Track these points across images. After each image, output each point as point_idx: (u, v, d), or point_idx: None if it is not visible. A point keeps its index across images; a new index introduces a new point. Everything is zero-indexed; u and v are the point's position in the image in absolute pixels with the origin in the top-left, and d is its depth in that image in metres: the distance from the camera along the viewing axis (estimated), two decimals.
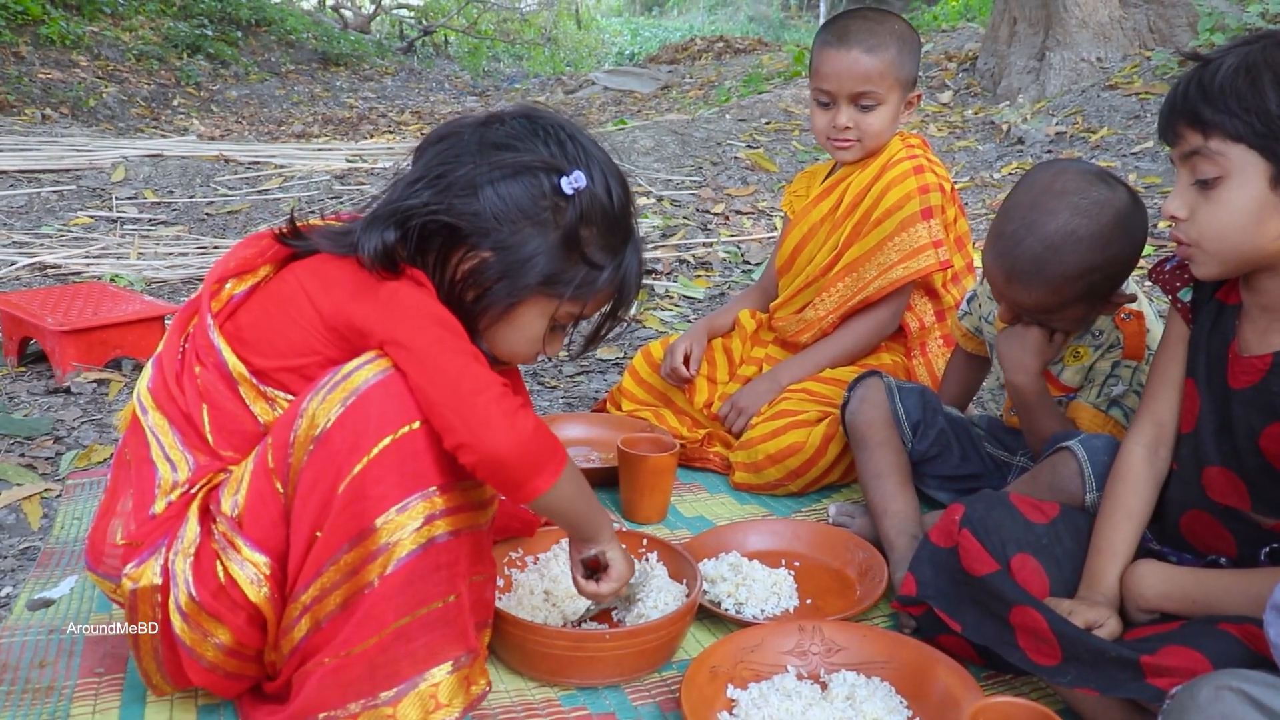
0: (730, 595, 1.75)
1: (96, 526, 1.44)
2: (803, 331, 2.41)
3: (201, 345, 1.41)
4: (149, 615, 1.37)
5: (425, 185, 1.38)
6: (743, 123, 6.98)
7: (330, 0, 20.02)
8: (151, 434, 1.40)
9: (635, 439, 2.10)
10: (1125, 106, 6.01)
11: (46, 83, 9.23)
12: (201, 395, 1.40)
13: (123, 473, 1.44)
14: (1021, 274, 1.71)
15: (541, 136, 1.42)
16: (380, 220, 1.37)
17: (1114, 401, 1.86)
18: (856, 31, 2.26)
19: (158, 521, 1.37)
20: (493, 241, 1.38)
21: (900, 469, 1.97)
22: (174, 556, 1.35)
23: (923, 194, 2.28)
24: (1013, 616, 1.43)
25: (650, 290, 3.90)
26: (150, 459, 1.39)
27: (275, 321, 1.41)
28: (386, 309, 1.34)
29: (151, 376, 1.44)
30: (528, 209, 1.39)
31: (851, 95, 2.27)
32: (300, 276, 1.41)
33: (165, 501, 1.37)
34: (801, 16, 33.62)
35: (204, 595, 1.34)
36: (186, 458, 1.39)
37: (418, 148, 1.47)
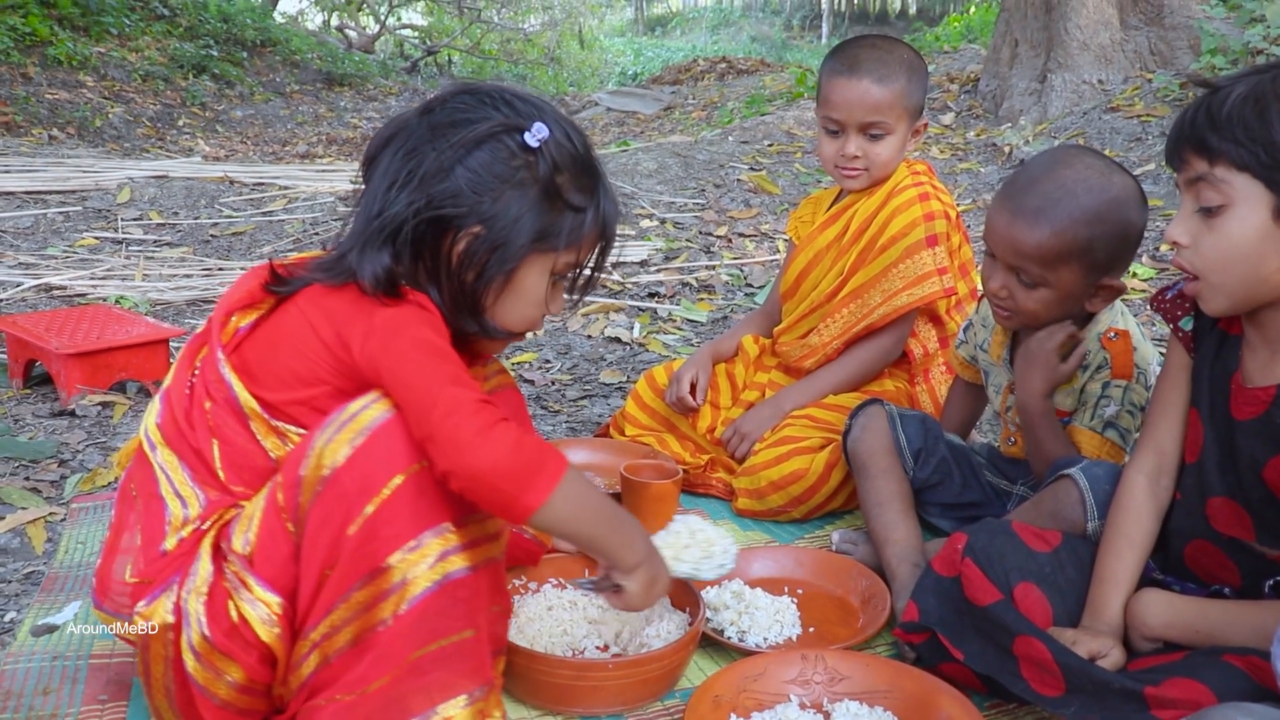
0: (733, 623, 1.75)
1: (103, 563, 1.43)
2: (806, 357, 2.42)
3: (211, 380, 1.41)
4: (161, 654, 1.36)
5: (398, 188, 1.38)
6: (745, 144, 7.00)
7: (335, 21, 20.13)
8: (160, 470, 1.39)
9: (638, 465, 2.11)
10: (1127, 129, 6.03)
11: (53, 103, 9.28)
12: (212, 431, 1.39)
13: (128, 508, 1.43)
14: (1030, 211, 1.73)
15: (489, 103, 1.43)
16: (373, 240, 1.37)
17: (1108, 423, 1.86)
18: (867, 61, 2.26)
19: (169, 559, 1.36)
20: (477, 215, 1.39)
21: (902, 497, 1.97)
22: (186, 595, 1.33)
23: (928, 221, 2.29)
24: (1016, 647, 1.43)
25: (653, 314, 3.91)
26: (160, 495, 1.38)
27: (281, 354, 1.40)
28: (374, 339, 1.34)
29: (160, 412, 1.43)
30: (502, 173, 1.40)
31: (861, 125, 2.28)
32: (303, 307, 1.41)
33: (176, 538, 1.36)
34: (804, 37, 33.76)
35: (217, 634, 1.32)
36: (197, 494, 1.38)
37: (366, 159, 1.46)
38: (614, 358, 3.41)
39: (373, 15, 19.92)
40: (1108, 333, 1.84)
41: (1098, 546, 1.59)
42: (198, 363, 1.45)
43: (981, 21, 13.76)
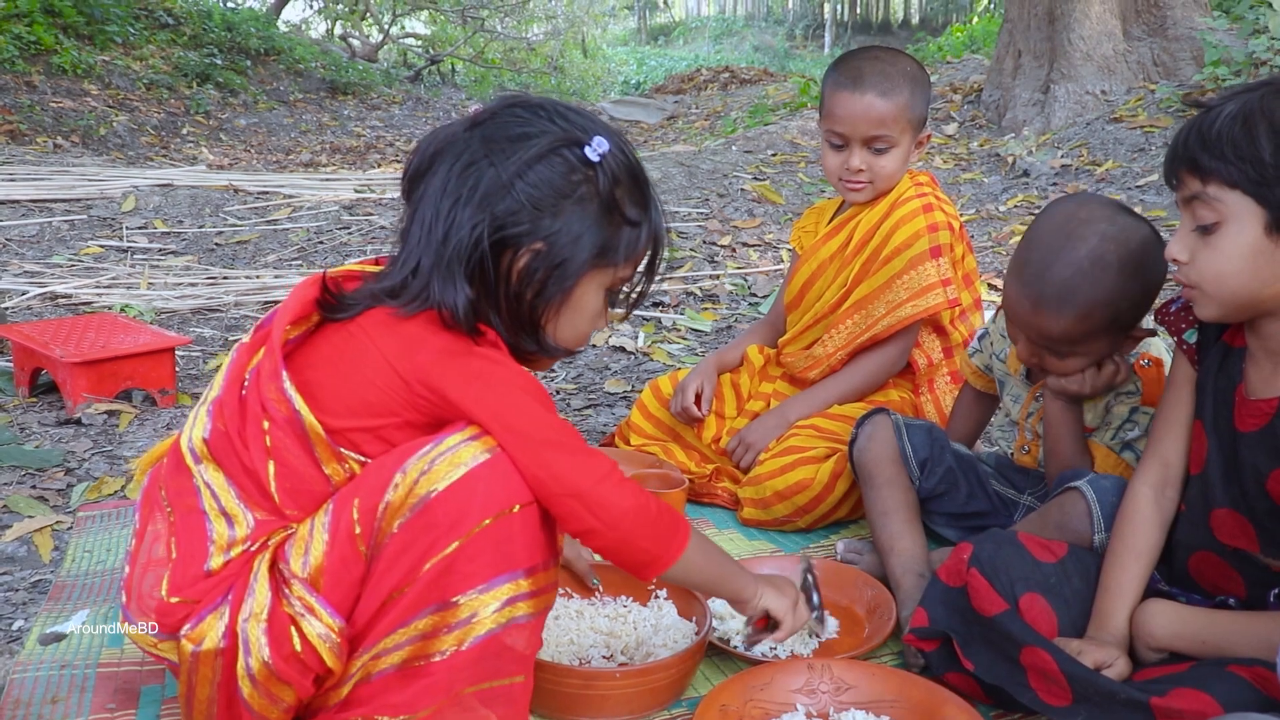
0: (739, 633, 1.75)
1: (132, 574, 1.39)
2: (811, 368, 2.43)
3: (271, 398, 1.34)
4: (209, 676, 1.33)
5: (460, 206, 1.33)
6: (749, 154, 7.01)
7: (338, 30, 20.19)
8: (206, 487, 1.35)
9: (644, 474, 2.12)
10: (1130, 139, 6.04)
11: (58, 111, 9.30)
12: (270, 452, 1.34)
13: (157, 518, 1.40)
14: (1051, 300, 1.70)
15: (544, 116, 1.39)
16: (452, 269, 1.32)
17: (1127, 445, 1.87)
18: (870, 74, 2.27)
19: (214, 580, 1.33)
20: (538, 232, 1.35)
21: (908, 506, 1.97)
22: (245, 621, 1.30)
23: (931, 232, 2.29)
24: (1023, 657, 1.44)
25: (658, 323, 3.92)
26: (202, 510, 1.35)
27: (350, 381, 1.36)
28: (479, 384, 1.32)
29: (209, 427, 1.38)
30: (562, 188, 1.36)
31: (866, 139, 2.28)
32: (373, 335, 1.35)
33: (223, 558, 1.33)
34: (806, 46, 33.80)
35: (278, 661, 1.30)
36: (245, 514, 1.34)
37: (412, 174, 1.40)
38: (619, 367, 3.42)
39: (376, 24, 19.97)
40: (1141, 359, 1.83)
41: (1103, 558, 1.60)
42: (247, 375, 1.39)
43: (984, 32, 13.78)
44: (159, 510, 1.40)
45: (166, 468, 1.41)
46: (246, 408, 1.36)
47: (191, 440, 1.38)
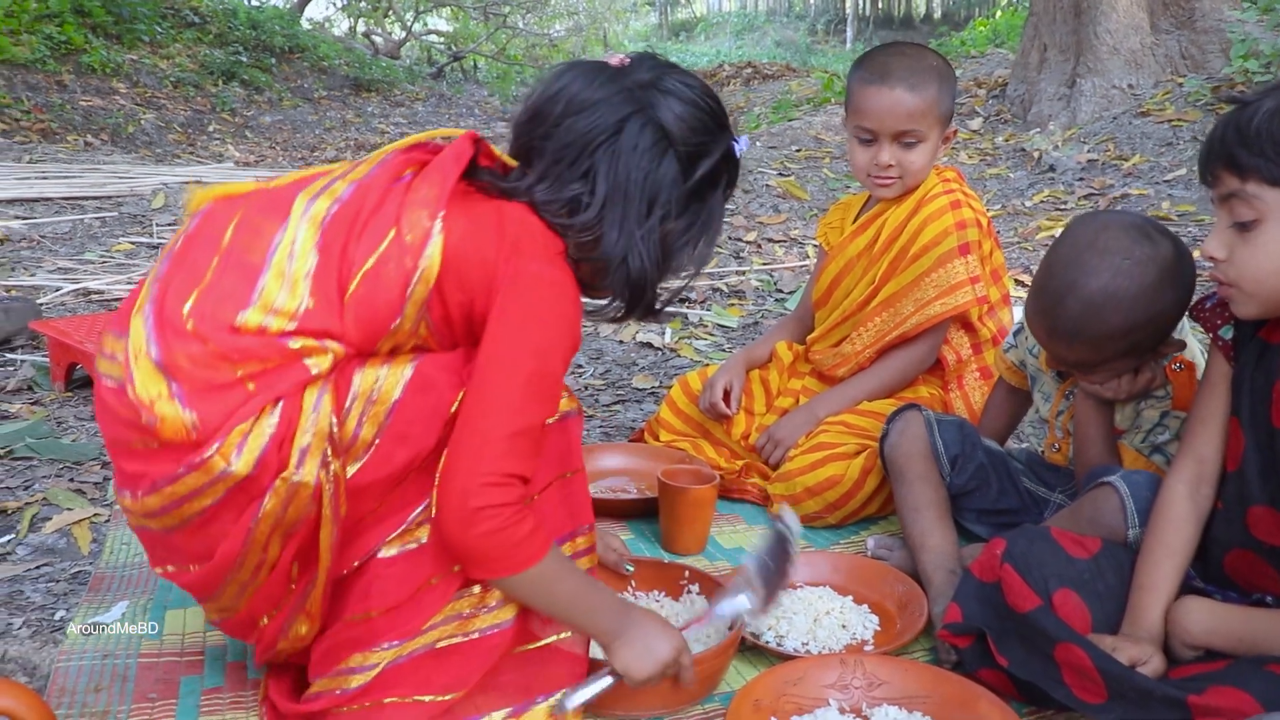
0: (771, 628, 1.76)
1: (170, 288, 1.27)
2: (839, 365, 2.43)
3: (412, 222, 1.30)
4: (214, 494, 1.25)
5: (652, 177, 1.39)
6: (773, 150, 7.01)
7: (361, 27, 20.26)
8: (290, 244, 1.27)
9: (675, 470, 2.12)
10: (1158, 134, 6.01)
11: (87, 110, 9.39)
12: (375, 260, 1.29)
13: (205, 245, 1.29)
14: (1063, 332, 1.71)
15: (710, 99, 1.48)
16: (649, 237, 1.39)
17: (1157, 448, 1.86)
18: (898, 69, 2.26)
19: (239, 345, 1.24)
20: (693, 211, 1.47)
21: (939, 503, 1.97)
22: (296, 463, 1.24)
23: (960, 230, 2.29)
24: (1057, 653, 1.44)
25: (684, 319, 3.93)
26: (267, 259, 1.26)
27: (463, 251, 1.33)
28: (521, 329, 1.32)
29: (346, 198, 1.31)
30: (717, 179, 1.50)
31: (895, 134, 2.28)
32: (506, 223, 1.36)
33: (259, 320, 1.24)
34: (828, 41, 33.68)
35: (304, 529, 1.29)
36: (304, 294, 1.26)
37: (561, 110, 1.40)
38: (646, 363, 3.43)
39: (399, 21, 20.04)
40: (1174, 362, 1.82)
41: (1137, 554, 1.59)
42: (406, 175, 1.36)
43: (1008, 26, 13.71)
44: (212, 234, 1.30)
45: (247, 207, 1.32)
46: (383, 210, 1.31)
47: (314, 205, 1.30)
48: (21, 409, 2.90)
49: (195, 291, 1.25)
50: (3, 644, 1.72)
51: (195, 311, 1.24)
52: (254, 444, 1.22)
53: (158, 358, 1.23)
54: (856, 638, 1.76)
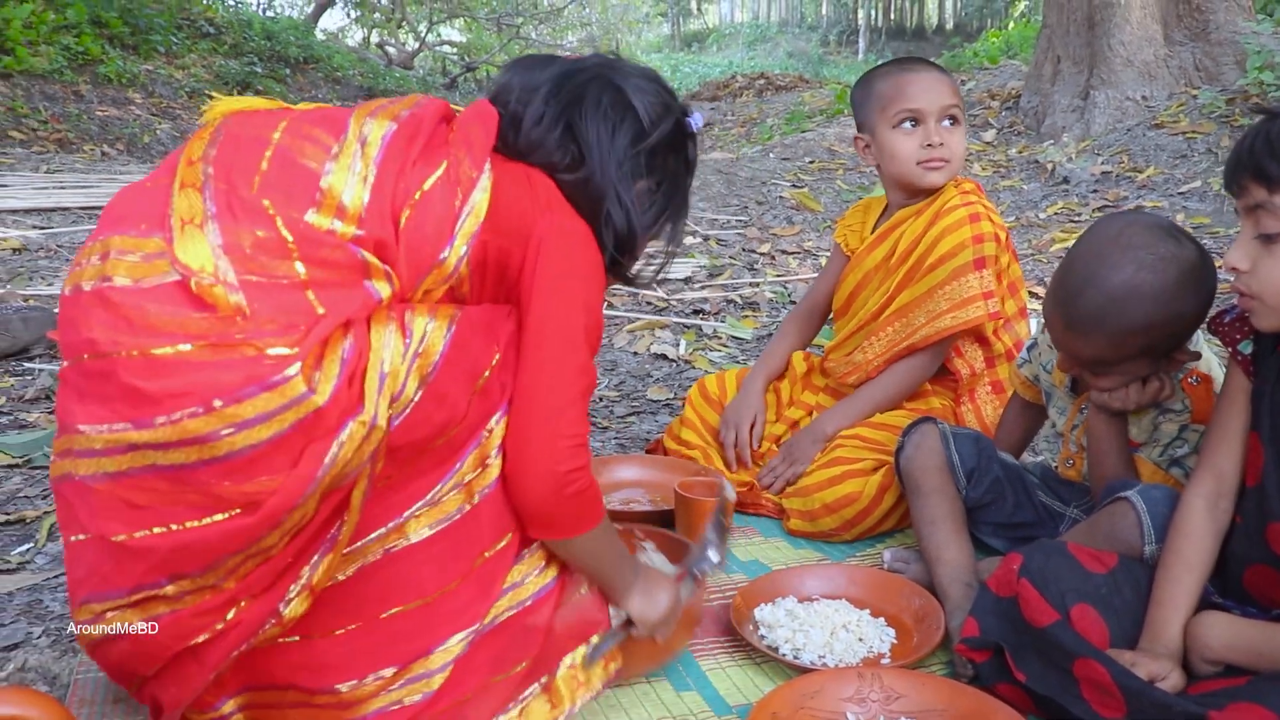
0: (788, 641, 1.76)
1: (229, 173, 1.18)
2: (850, 374, 2.44)
3: (456, 164, 1.30)
4: (286, 421, 1.08)
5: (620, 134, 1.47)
6: (787, 161, 7.02)
7: (375, 38, 20.37)
8: (356, 143, 1.23)
9: (692, 482, 2.12)
10: (1172, 145, 6.00)
11: (104, 120, 9.45)
12: (421, 194, 1.25)
13: (251, 146, 1.22)
14: (1080, 325, 1.71)
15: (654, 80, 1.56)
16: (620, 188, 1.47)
17: (1175, 461, 1.86)
18: (921, 62, 2.41)
19: (316, 245, 1.16)
20: (658, 173, 1.55)
21: (955, 516, 1.97)
22: (373, 394, 1.15)
23: (976, 243, 2.29)
24: (1076, 668, 1.43)
25: (698, 330, 3.93)
26: (318, 168, 1.20)
27: (518, 200, 1.37)
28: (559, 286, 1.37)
29: (394, 132, 1.27)
30: (674, 143, 1.57)
31: (941, 110, 2.33)
32: (535, 187, 1.42)
33: (329, 222, 1.17)
34: (840, 53, 33.72)
35: (372, 465, 1.19)
36: (364, 195, 1.21)
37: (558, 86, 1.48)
38: (660, 374, 3.44)
39: (412, 32, 20.15)
40: (1189, 376, 1.81)
41: (1155, 569, 1.59)
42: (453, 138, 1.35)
43: (1020, 37, 13.71)
44: (258, 139, 1.22)
45: (299, 118, 1.27)
46: (434, 140, 1.32)
47: (372, 122, 1.27)
48: (39, 418, 2.92)
49: (258, 176, 1.17)
50: (23, 653, 1.73)
51: (263, 194, 1.15)
52: (329, 371, 1.10)
53: (217, 239, 1.11)
54: (873, 651, 1.76)
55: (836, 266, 2.57)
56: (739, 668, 1.73)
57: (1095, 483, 1.90)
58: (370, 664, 1.28)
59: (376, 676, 1.28)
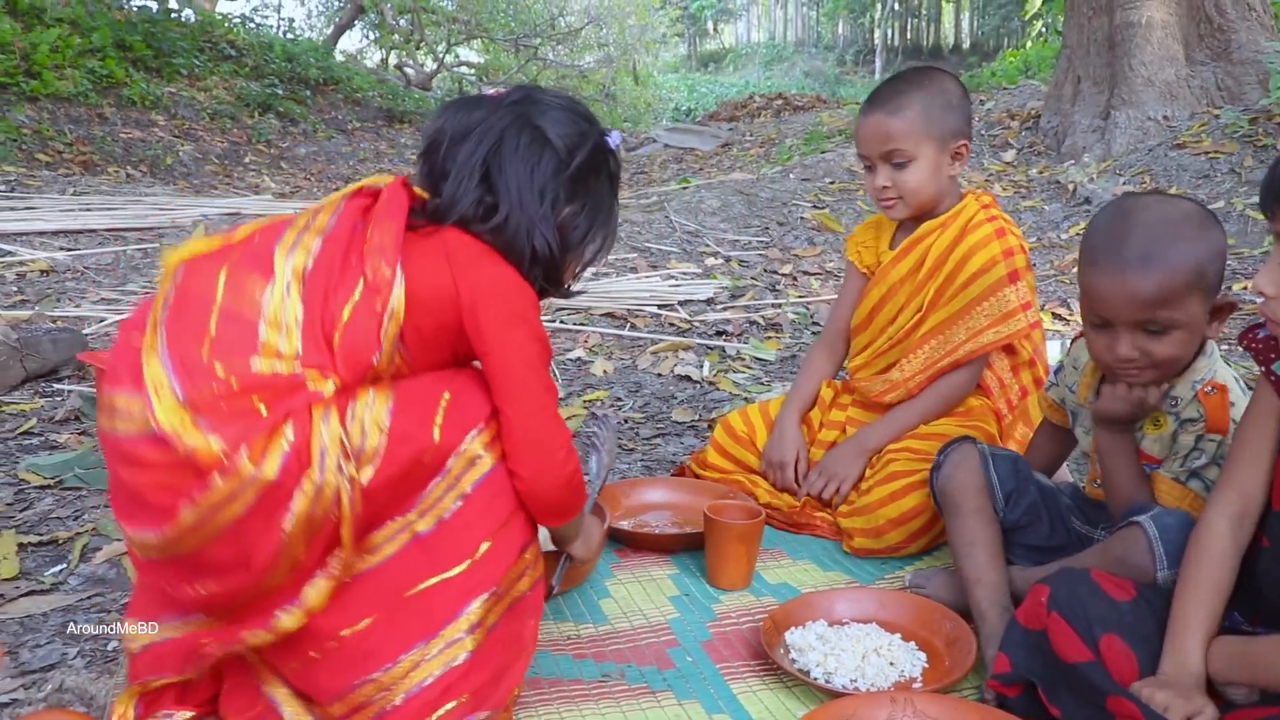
0: (819, 664, 1.76)
1: (180, 339, 1.38)
2: (888, 391, 2.44)
3: (377, 269, 1.47)
4: (247, 500, 1.34)
5: (540, 170, 1.61)
6: (807, 182, 7.03)
7: (393, 59, 20.52)
8: (283, 295, 1.42)
9: (721, 505, 2.13)
10: (1194, 166, 5.98)
11: (127, 142, 9.55)
12: (352, 307, 1.45)
13: (198, 304, 1.42)
14: (1134, 263, 1.66)
15: (567, 105, 1.69)
16: (545, 218, 1.61)
17: (1194, 473, 1.84)
18: (882, 93, 2.37)
19: (257, 381, 1.37)
20: (583, 196, 1.68)
21: (993, 539, 1.96)
22: (317, 466, 1.37)
23: (1007, 257, 2.32)
24: (1110, 704, 1.41)
25: (721, 352, 3.94)
26: (259, 311, 1.41)
27: (411, 278, 1.51)
28: (509, 330, 1.55)
29: (316, 255, 1.47)
30: (595, 165, 1.69)
31: (881, 155, 2.34)
32: (449, 246, 1.56)
33: (269, 367, 1.38)
34: (857, 72, 33.79)
35: (325, 516, 1.40)
36: (298, 340, 1.41)
37: (451, 138, 1.63)
38: (684, 396, 3.44)
39: (430, 53, 20.28)
40: (1204, 386, 1.79)
41: (1171, 595, 1.57)
42: (368, 234, 1.51)
43: (1039, 57, 13.72)
44: (203, 292, 1.42)
45: (231, 264, 1.45)
46: (349, 260, 1.49)
47: (292, 259, 1.46)
48: (69, 439, 2.94)
49: (206, 340, 1.38)
50: (59, 674, 1.74)
51: (213, 355, 1.37)
52: (275, 451, 1.35)
53: (182, 395, 1.34)
54: (905, 675, 1.76)
55: (855, 285, 2.58)
56: (770, 691, 1.73)
57: (1111, 501, 1.89)
58: (405, 642, 1.46)
59: (406, 655, 1.46)
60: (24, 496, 2.55)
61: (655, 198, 6.95)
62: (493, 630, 1.51)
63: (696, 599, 2.06)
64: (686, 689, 1.73)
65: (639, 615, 1.99)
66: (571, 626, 1.94)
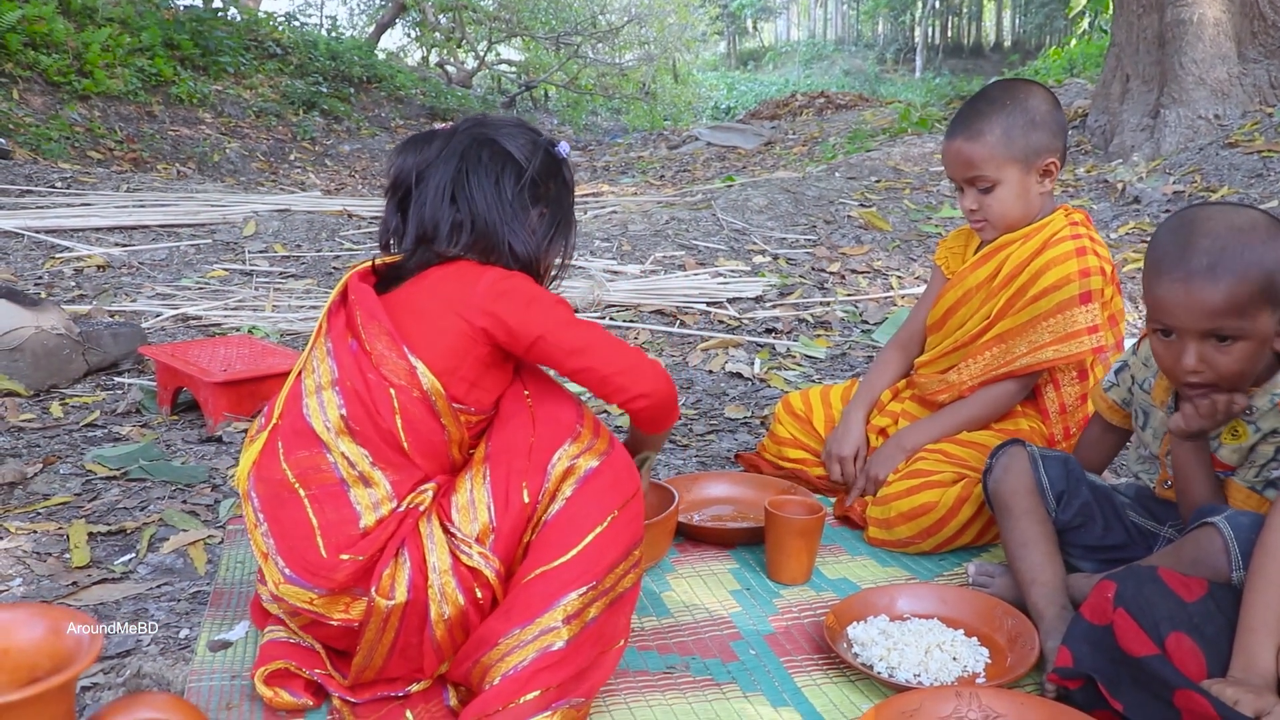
0: (882, 659, 1.77)
1: (284, 545, 1.58)
2: (942, 392, 2.44)
3: (391, 370, 1.59)
4: (395, 625, 1.56)
5: (504, 179, 1.71)
6: (853, 180, 7.01)
7: (434, 57, 20.63)
8: (343, 458, 1.57)
9: (782, 500, 2.14)
10: (1246, 165, 5.91)
11: (175, 139, 9.68)
12: (400, 413, 1.59)
13: (283, 499, 1.60)
14: (1202, 272, 1.65)
15: (516, 124, 1.81)
16: (513, 222, 1.70)
17: (1270, 483, 1.83)
18: (964, 117, 2.34)
19: (372, 537, 1.55)
20: (545, 199, 1.77)
21: (1047, 538, 1.96)
22: (438, 576, 1.54)
23: (1083, 277, 2.28)
24: (1176, 699, 1.41)
25: (771, 349, 3.94)
26: (340, 480, 1.57)
27: (426, 335, 1.62)
28: (530, 305, 1.63)
29: (344, 403, 1.60)
30: (550, 171, 1.78)
31: (965, 180, 2.35)
32: (433, 290, 1.65)
33: (374, 517, 1.56)
34: (897, 70, 33.61)
35: (469, 606, 1.56)
36: (381, 476, 1.57)
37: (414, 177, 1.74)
38: (736, 393, 3.46)
39: (471, 51, 20.38)
40: None
41: (1243, 594, 1.57)
42: (369, 350, 1.61)
43: (1083, 55, 13.61)
44: (285, 492, 1.59)
45: (286, 454, 1.61)
46: (368, 379, 1.59)
47: (327, 420, 1.59)
48: (131, 431, 3.00)
49: (316, 534, 1.56)
50: (136, 660, 1.78)
51: (328, 544, 1.56)
52: (400, 577, 1.54)
53: (320, 592, 1.57)
54: (968, 670, 1.76)
55: (936, 288, 2.58)
56: (834, 685, 1.74)
57: (1183, 506, 1.88)
58: (505, 626, 1.53)
59: (504, 638, 1.52)
60: (91, 487, 2.61)
61: (701, 195, 6.96)
62: (591, 624, 1.54)
63: (757, 593, 2.07)
64: (751, 681, 1.74)
65: (701, 609, 2.00)
66: (635, 619, 1.95)
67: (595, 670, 1.57)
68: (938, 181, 7.00)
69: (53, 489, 2.58)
